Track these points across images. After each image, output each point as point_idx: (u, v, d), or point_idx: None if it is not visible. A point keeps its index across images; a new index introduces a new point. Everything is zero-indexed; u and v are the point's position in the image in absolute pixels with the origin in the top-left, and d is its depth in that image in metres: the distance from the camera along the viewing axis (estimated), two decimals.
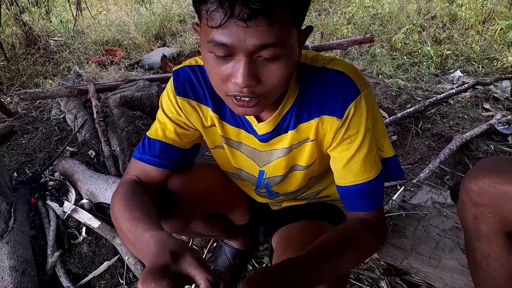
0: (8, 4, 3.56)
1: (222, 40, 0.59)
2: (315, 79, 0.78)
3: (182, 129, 0.88)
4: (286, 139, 0.84)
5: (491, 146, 2.16)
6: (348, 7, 4.77)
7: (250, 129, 0.85)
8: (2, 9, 3.28)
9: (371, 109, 0.78)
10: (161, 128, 0.88)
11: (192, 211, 0.97)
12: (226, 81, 0.65)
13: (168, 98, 0.86)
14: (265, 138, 0.84)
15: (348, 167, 0.81)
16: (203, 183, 0.99)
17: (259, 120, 0.82)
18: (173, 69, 0.87)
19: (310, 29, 0.72)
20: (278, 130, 0.83)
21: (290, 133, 0.82)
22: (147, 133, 0.90)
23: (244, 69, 0.61)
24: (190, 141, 0.91)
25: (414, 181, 1.76)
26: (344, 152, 0.80)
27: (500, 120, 2.34)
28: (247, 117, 0.82)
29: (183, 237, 1.52)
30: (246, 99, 0.66)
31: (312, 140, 0.82)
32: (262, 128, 0.82)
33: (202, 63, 0.85)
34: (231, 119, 0.86)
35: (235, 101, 0.68)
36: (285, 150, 0.86)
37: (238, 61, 0.62)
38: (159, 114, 0.89)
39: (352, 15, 4.55)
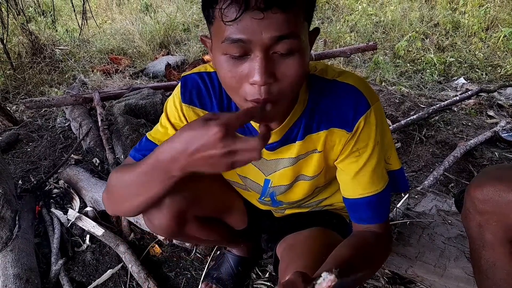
0: (15, 13, 3.61)
1: (238, 36, 0.59)
2: (325, 91, 0.78)
3: None
4: (293, 149, 0.84)
5: (496, 153, 2.15)
6: (351, 15, 4.79)
7: None
8: (9, 19, 3.33)
9: (380, 122, 0.79)
10: (160, 131, 0.89)
11: (185, 211, 0.96)
12: (243, 83, 0.64)
13: (173, 103, 0.87)
14: (272, 147, 0.84)
15: (357, 179, 0.81)
16: (196, 184, 0.99)
17: None
18: (182, 75, 0.88)
19: (317, 31, 0.72)
20: (285, 140, 0.83)
21: (298, 143, 0.83)
22: (147, 134, 0.92)
23: (261, 65, 0.61)
24: None
25: (419, 188, 1.75)
26: (353, 164, 0.81)
27: (504, 127, 2.33)
28: (254, 125, 0.82)
29: (187, 244, 1.52)
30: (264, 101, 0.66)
31: (319, 151, 0.83)
32: None
33: (211, 70, 0.85)
34: None
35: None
36: (292, 160, 0.86)
37: (255, 58, 0.61)
38: (163, 118, 0.90)
39: (355, 23, 4.57)
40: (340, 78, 0.78)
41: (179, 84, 0.87)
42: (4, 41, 3.22)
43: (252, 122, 0.82)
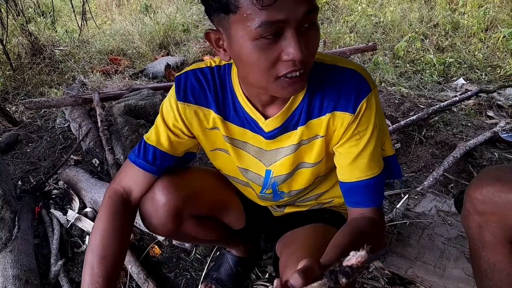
0: (14, 14, 3.61)
1: (276, 17, 0.61)
2: (327, 75, 0.79)
3: (176, 137, 0.90)
4: (294, 136, 0.85)
5: (495, 153, 2.15)
6: (350, 15, 4.79)
7: (256, 128, 0.85)
8: (8, 20, 3.33)
9: (379, 107, 0.81)
10: (157, 134, 0.90)
11: (180, 209, 0.97)
12: (276, 63, 0.66)
13: (169, 103, 0.88)
14: (272, 135, 0.85)
15: (355, 163, 0.82)
16: (192, 182, 1.00)
17: (266, 117, 0.82)
18: (175, 75, 0.89)
19: None
20: (286, 126, 0.83)
21: (300, 129, 0.83)
22: (144, 137, 0.92)
23: (298, 41, 0.63)
24: (183, 149, 0.93)
25: (418, 189, 1.75)
26: (352, 148, 0.82)
27: (504, 128, 2.33)
28: (252, 115, 0.83)
29: (186, 244, 1.52)
30: (297, 73, 0.67)
31: (322, 137, 0.83)
32: (269, 124, 0.83)
33: (203, 66, 0.86)
34: (236, 119, 0.86)
35: (286, 80, 0.68)
36: (293, 147, 0.86)
37: (288, 36, 0.63)
38: (158, 119, 0.91)
39: (355, 23, 4.57)
40: (340, 63, 0.80)
41: (174, 84, 0.88)
42: (4, 42, 3.22)
43: (250, 112, 0.83)
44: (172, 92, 0.88)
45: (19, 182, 2.01)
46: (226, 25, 0.66)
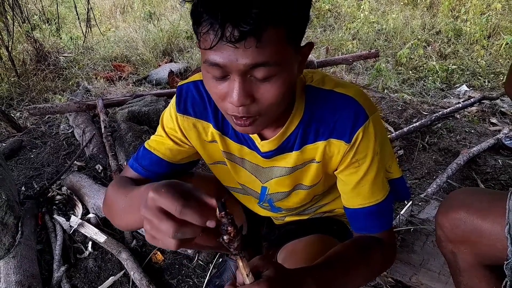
0: (20, 21, 3.65)
1: (215, 60, 0.61)
2: (323, 101, 0.78)
3: (177, 145, 0.89)
4: (289, 158, 0.84)
5: (499, 160, 2.14)
6: (353, 22, 4.82)
7: (252, 146, 0.85)
8: (14, 27, 3.36)
9: (379, 133, 0.78)
10: (157, 140, 0.90)
11: None
12: (223, 100, 0.67)
13: (169, 113, 0.88)
14: (268, 156, 0.84)
15: (357, 190, 0.81)
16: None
17: (262, 138, 0.82)
18: (178, 84, 0.89)
19: (310, 45, 0.71)
20: (282, 149, 0.83)
21: (295, 153, 0.82)
22: (145, 143, 0.92)
23: (238, 89, 0.63)
24: (183, 157, 0.92)
25: (422, 196, 1.75)
26: (352, 175, 0.80)
27: (507, 135, 2.32)
28: (251, 136, 0.83)
29: (189, 251, 1.52)
30: (243, 118, 0.67)
31: (318, 162, 0.82)
32: (265, 146, 0.82)
33: None
34: (234, 135, 0.86)
35: (234, 119, 0.69)
36: (288, 169, 0.86)
37: (232, 80, 0.63)
38: (159, 127, 0.92)
39: (357, 30, 4.59)
40: (337, 89, 0.78)
41: (176, 94, 0.88)
42: (9, 49, 3.25)
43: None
44: (173, 102, 0.87)
45: (23, 188, 2.02)
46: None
